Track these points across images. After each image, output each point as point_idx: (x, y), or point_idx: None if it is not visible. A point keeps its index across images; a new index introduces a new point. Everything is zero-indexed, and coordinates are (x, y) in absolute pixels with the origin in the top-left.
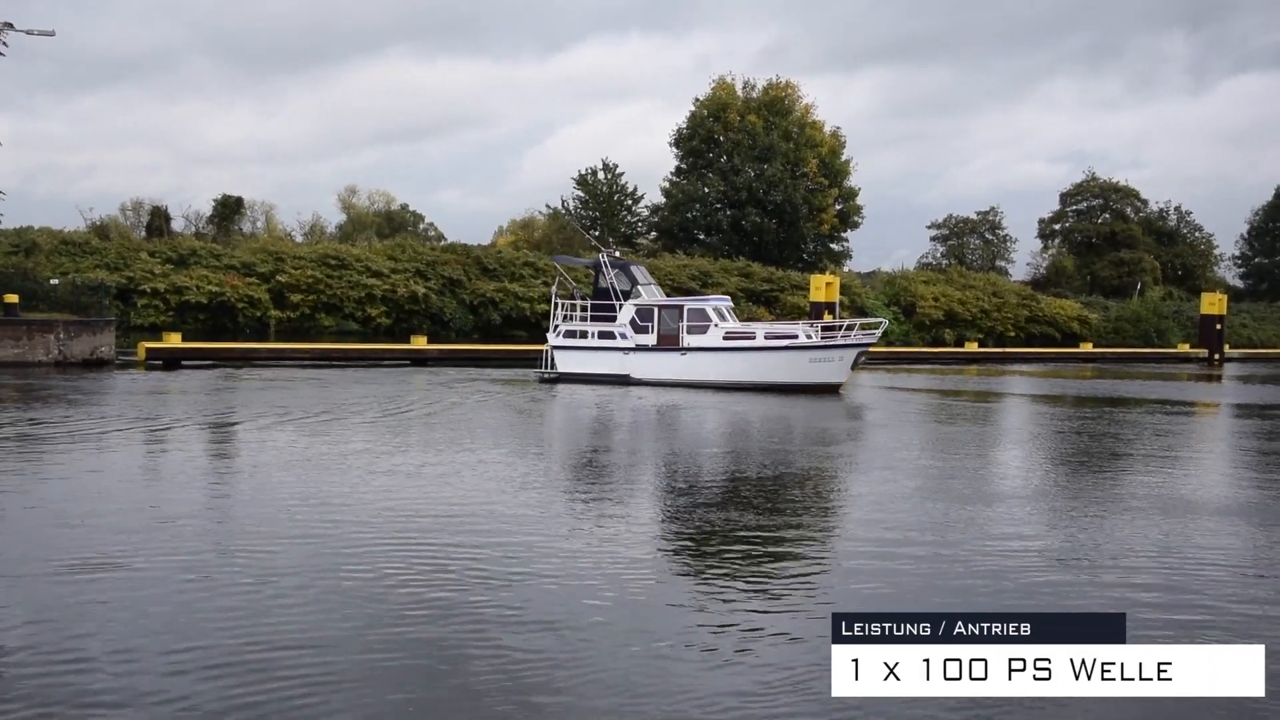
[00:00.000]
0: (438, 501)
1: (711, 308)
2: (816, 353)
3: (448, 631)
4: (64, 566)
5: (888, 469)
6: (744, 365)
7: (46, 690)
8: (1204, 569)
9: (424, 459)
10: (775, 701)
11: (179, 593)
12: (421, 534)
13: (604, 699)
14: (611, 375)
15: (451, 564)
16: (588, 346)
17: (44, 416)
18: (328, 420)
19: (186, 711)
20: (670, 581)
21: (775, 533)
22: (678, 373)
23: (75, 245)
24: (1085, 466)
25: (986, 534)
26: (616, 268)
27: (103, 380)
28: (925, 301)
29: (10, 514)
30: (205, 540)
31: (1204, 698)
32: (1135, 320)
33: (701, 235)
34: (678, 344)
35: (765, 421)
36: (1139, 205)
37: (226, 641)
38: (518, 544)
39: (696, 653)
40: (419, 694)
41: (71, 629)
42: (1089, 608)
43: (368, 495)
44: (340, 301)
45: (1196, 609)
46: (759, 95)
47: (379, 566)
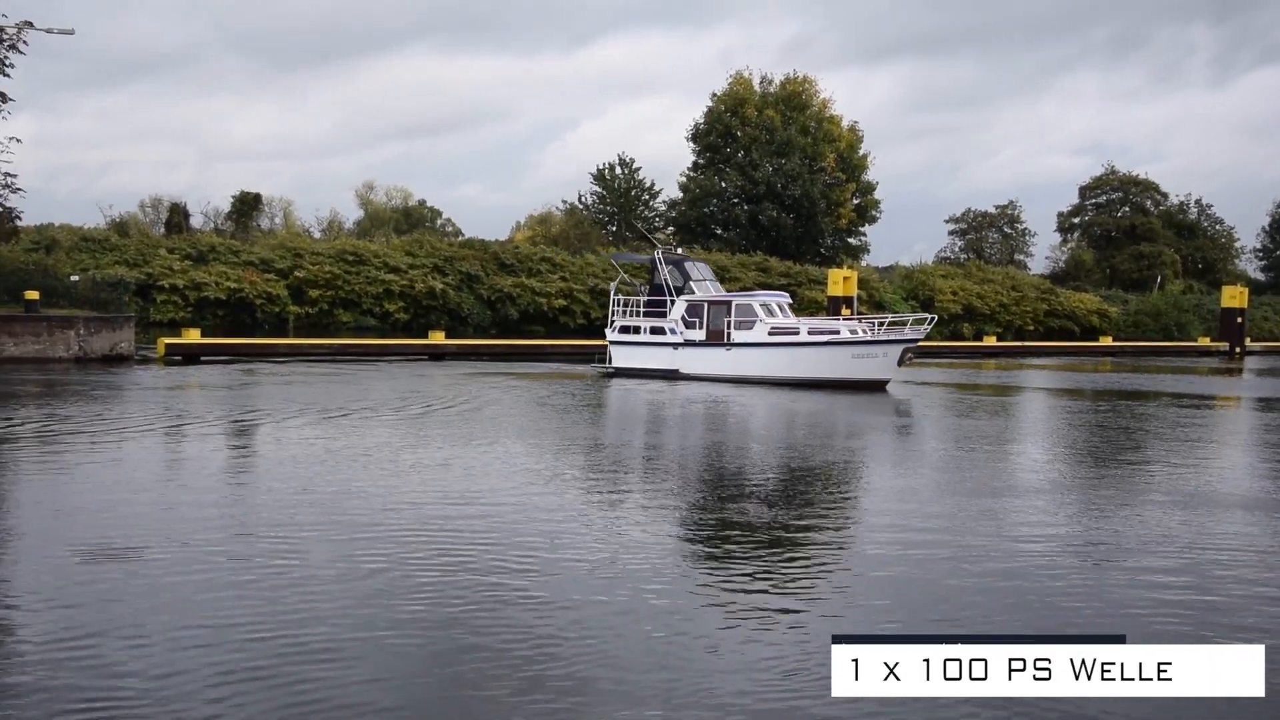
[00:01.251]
0: (452, 494)
1: (759, 303)
2: (859, 348)
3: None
4: (87, 551)
5: (909, 462)
6: (787, 361)
7: (74, 668)
8: (1217, 567)
9: (451, 452)
10: (775, 699)
11: (254, 579)
12: (443, 522)
13: (612, 686)
14: (662, 370)
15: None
16: (640, 342)
17: (68, 411)
18: (380, 415)
19: (221, 678)
20: (683, 572)
21: (791, 527)
22: (724, 368)
23: (95, 242)
24: (1106, 461)
25: (1002, 529)
26: (671, 264)
27: (123, 376)
28: (944, 296)
29: (39, 502)
30: (279, 530)
31: (1204, 698)
32: (1155, 314)
33: (719, 230)
34: (725, 339)
35: (773, 413)
36: (1159, 198)
37: (258, 622)
38: (541, 531)
39: (701, 646)
40: (437, 674)
41: (99, 612)
42: (1093, 608)
43: (408, 487)
44: (358, 297)
45: (1204, 608)
46: (776, 90)
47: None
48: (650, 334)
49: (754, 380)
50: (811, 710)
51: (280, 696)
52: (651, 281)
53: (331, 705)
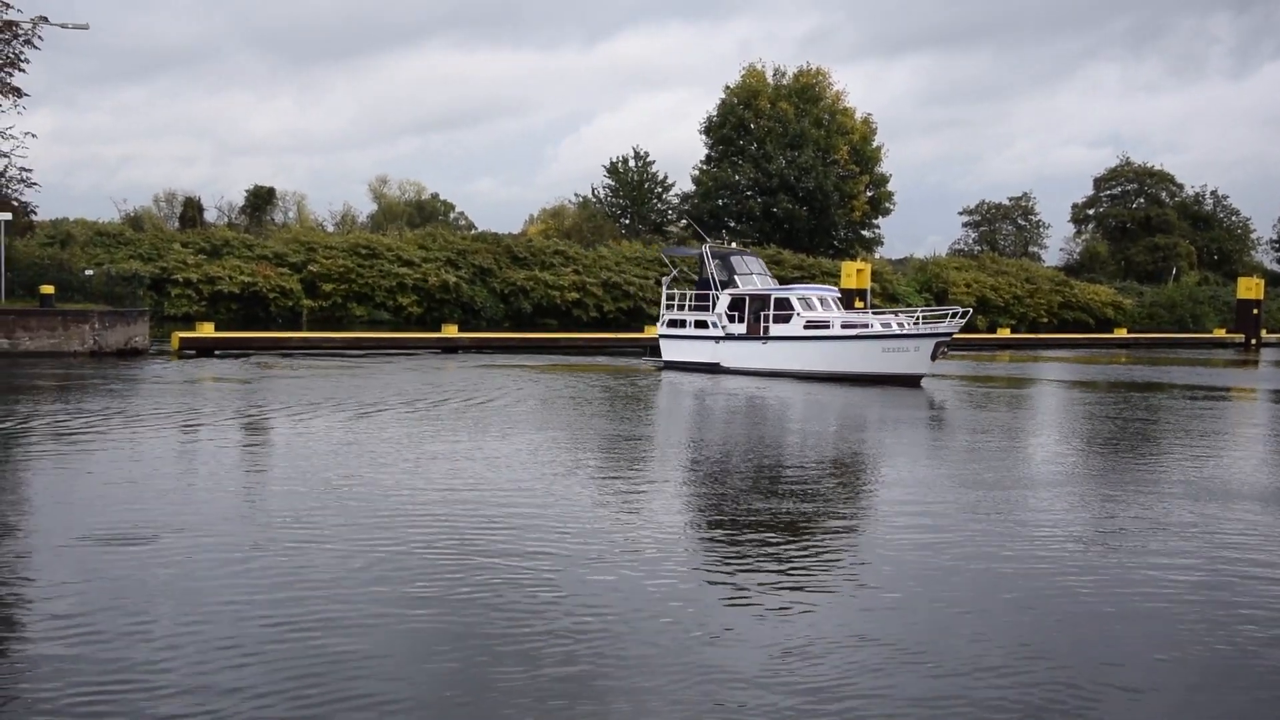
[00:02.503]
0: (464, 486)
1: (796, 297)
2: (890, 342)
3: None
4: (111, 538)
5: (930, 455)
6: (819, 354)
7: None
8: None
9: (456, 446)
10: (777, 698)
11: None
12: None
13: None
14: (705, 364)
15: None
16: (686, 336)
17: (87, 406)
18: (430, 409)
19: (249, 658)
20: (697, 563)
21: (805, 518)
22: (762, 362)
23: (109, 236)
24: (1122, 452)
25: (1016, 520)
26: (717, 258)
27: (139, 369)
28: (957, 288)
29: (71, 489)
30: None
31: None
32: (1170, 305)
33: (732, 223)
34: (763, 333)
35: (787, 405)
36: (1174, 190)
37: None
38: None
39: (705, 636)
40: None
41: (129, 596)
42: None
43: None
44: (371, 291)
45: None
46: (790, 82)
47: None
48: (695, 328)
49: (789, 374)
50: (821, 704)
51: (298, 666)
52: (700, 276)
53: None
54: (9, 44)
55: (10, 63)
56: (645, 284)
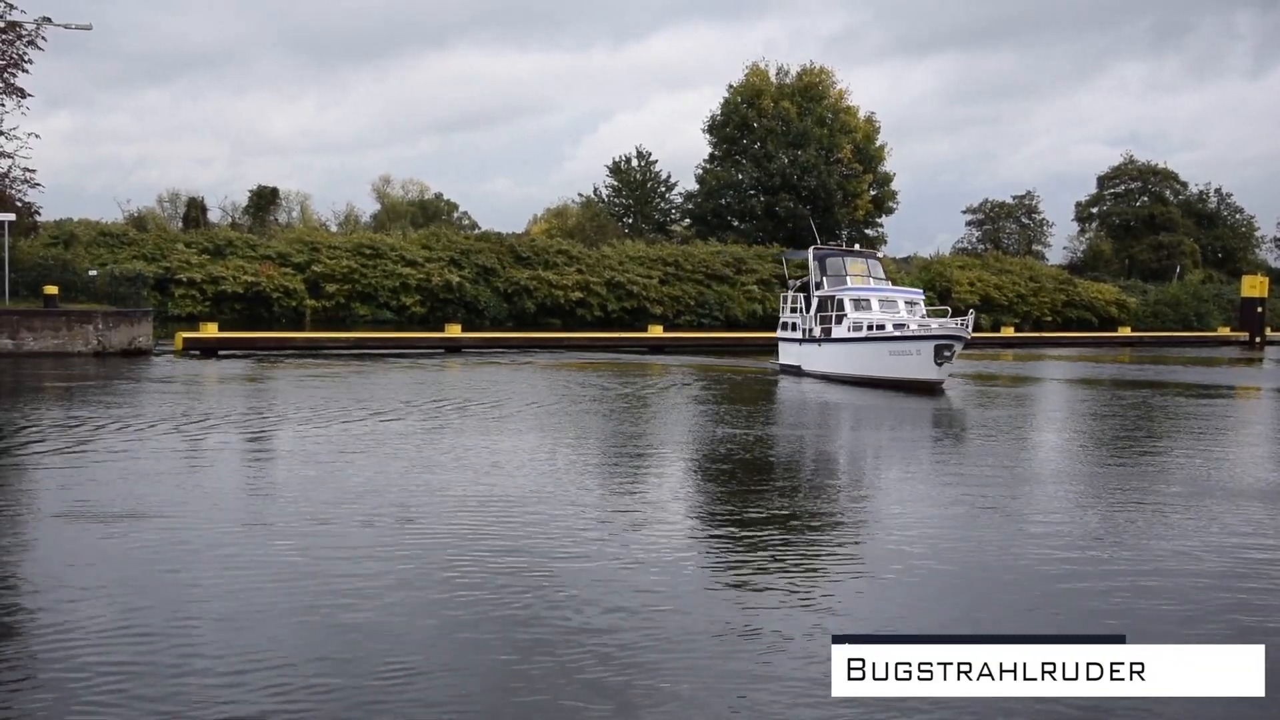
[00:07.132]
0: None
1: (850, 298)
2: (894, 344)
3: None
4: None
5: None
6: (845, 358)
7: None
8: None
9: (500, 448)
10: (777, 696)
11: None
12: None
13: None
14: (792, 366)
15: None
16: (784, 339)
17: (95, 406)
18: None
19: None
20: (699, 567)
21: (814, 518)
22: (823, 365)
23: (113, 237)
24: (1126, 450)
25: (1017, 519)
26: (818, 260)
27: (142, 369)
28: (961, 287)
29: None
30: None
31: (1204, 698)
32: (1174, 304)
33: (735, 221)
34: (825, 335)
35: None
36: (1178, 188)
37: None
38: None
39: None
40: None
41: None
42: (1096, 607)
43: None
44: (375, 291)
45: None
46: (793, 81)
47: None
48: (791, 331)
49: (835, 377)
50: (810, 711)
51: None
52: (808, 278)
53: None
54: (12, 45)
55: (13, 64)
56: (649, 283)
